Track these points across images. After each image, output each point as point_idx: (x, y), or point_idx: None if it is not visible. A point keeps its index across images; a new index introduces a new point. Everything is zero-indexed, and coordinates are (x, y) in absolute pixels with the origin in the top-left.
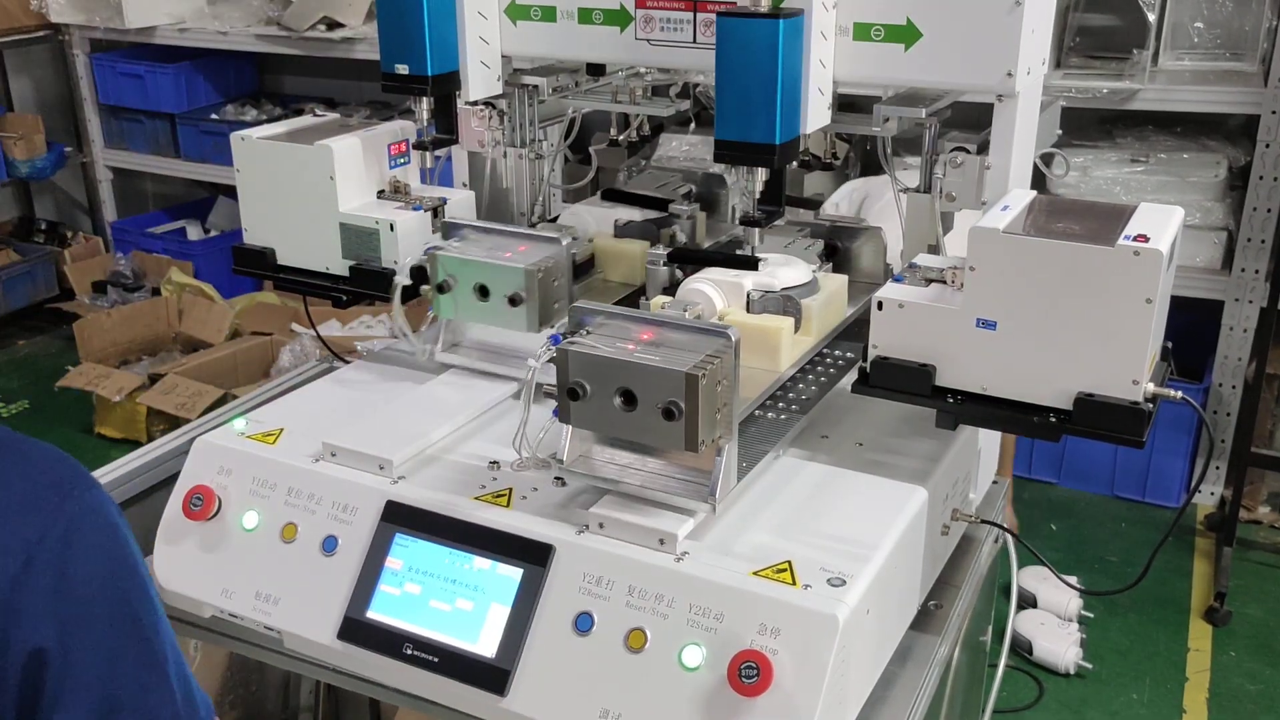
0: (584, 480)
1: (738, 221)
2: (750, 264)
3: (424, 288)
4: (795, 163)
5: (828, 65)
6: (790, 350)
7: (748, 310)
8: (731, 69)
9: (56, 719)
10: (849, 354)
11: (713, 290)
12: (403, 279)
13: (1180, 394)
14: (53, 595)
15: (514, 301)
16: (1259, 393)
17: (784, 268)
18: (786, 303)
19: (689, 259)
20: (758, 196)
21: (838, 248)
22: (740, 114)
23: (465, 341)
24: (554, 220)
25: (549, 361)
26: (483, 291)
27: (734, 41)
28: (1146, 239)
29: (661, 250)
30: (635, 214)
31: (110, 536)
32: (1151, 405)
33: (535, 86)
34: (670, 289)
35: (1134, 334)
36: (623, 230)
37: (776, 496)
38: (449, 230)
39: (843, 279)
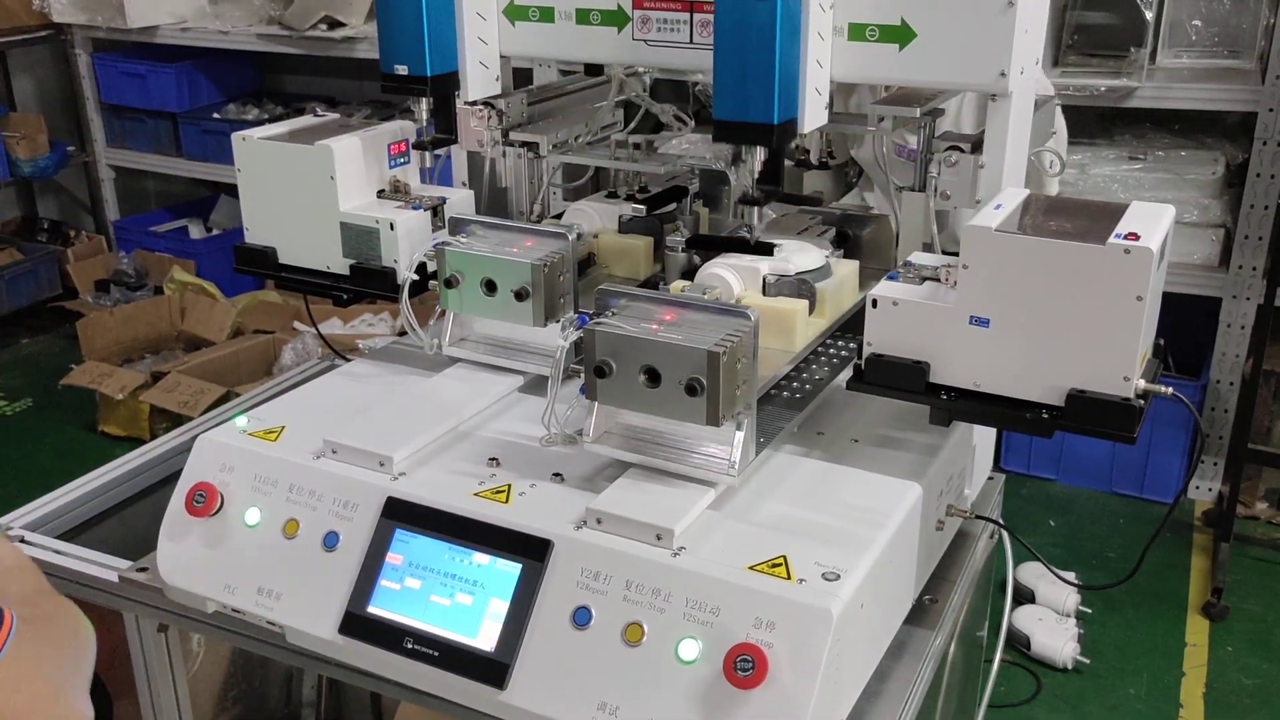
0: (609, 455)
1: (736, 200)
2: (766, 249)
3: (432, 282)
4: (792, 152)
5: (825, 66)
6: (805, 331)
7: (764, 293)
8: (729, 48)
9: None
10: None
11: (730, 274)
12: (409, 275)
13: (1170, 390)
14: None
15: (520, 296)
16: (1256, 389)
17: (798, 253)
18: (801, 286)
19: (707, 245)
20: (756, 176)
21: (849, 235)
22: (738, 93)
23: (472, 335)
24: (558, 217)
25: (576, 342)
26: (490, 286)
27: (732, 19)
28: (1137, 237)
29: (681, 236)
30: (640, 210)
31: None
32: (1143, 401)
33: (535, 144)
34: (688, 274)
35: (1125, 331)
36: (626, 226)
37: (772, 492)
38: (456, 226)
39: (854, 264)
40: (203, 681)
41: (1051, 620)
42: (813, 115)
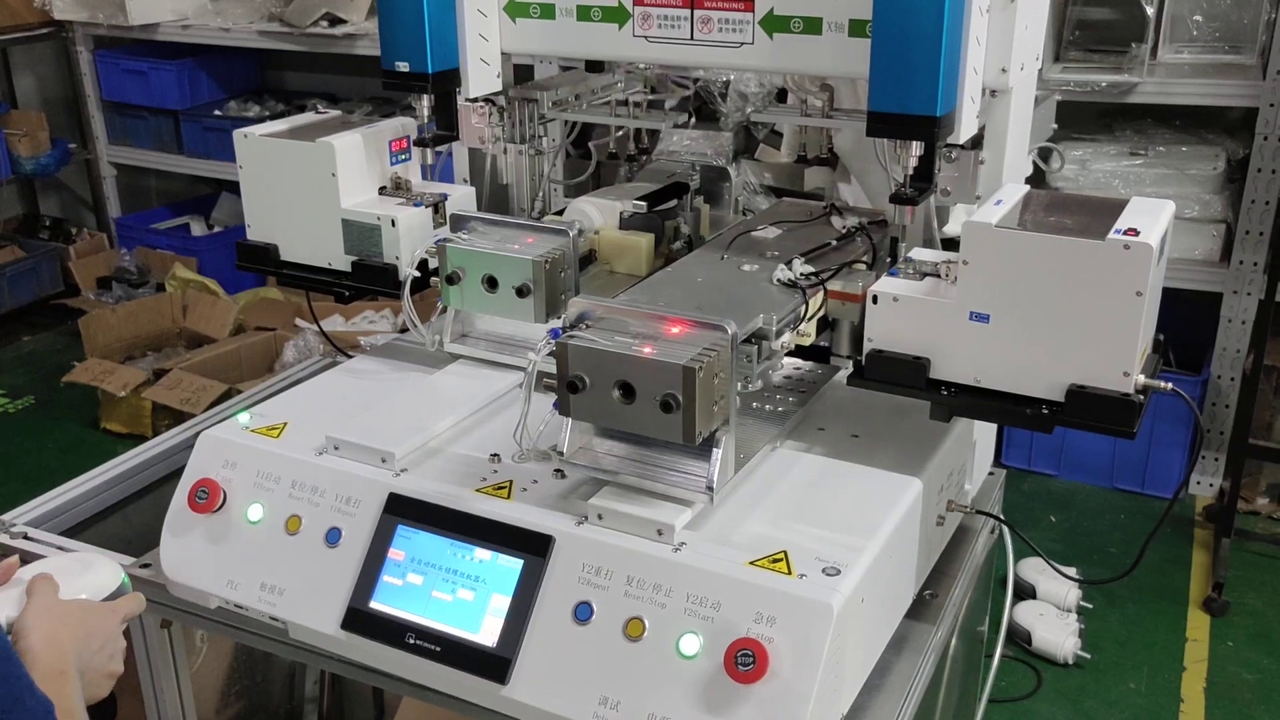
0: (584, 472)
1: (888, 200)
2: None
3: (433, 279)
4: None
5: (982, 44)
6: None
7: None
8: (891, 33)
9: None
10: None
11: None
12: (411, 271)
13: (1170, 385)
14: None
15: (521, 292)
16: (1257, 384)
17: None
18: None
19: None
20: (911, 173)
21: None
22: (899, 83)
23: (474, 332)
24: (559, 214)
25: (549, 355)
26: (491, 283)
27: (896, 3)
28: (1137, 233)
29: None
30: (641, 207)
31: None
32: (1143, 396)
33: (535, 100)
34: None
35: (1125, 326)
36: (628, 223)
37: (773, 487)
38: (457, 223)
39: None
40: (205, 677)
41: (1052, 615)
42: (970, 102)
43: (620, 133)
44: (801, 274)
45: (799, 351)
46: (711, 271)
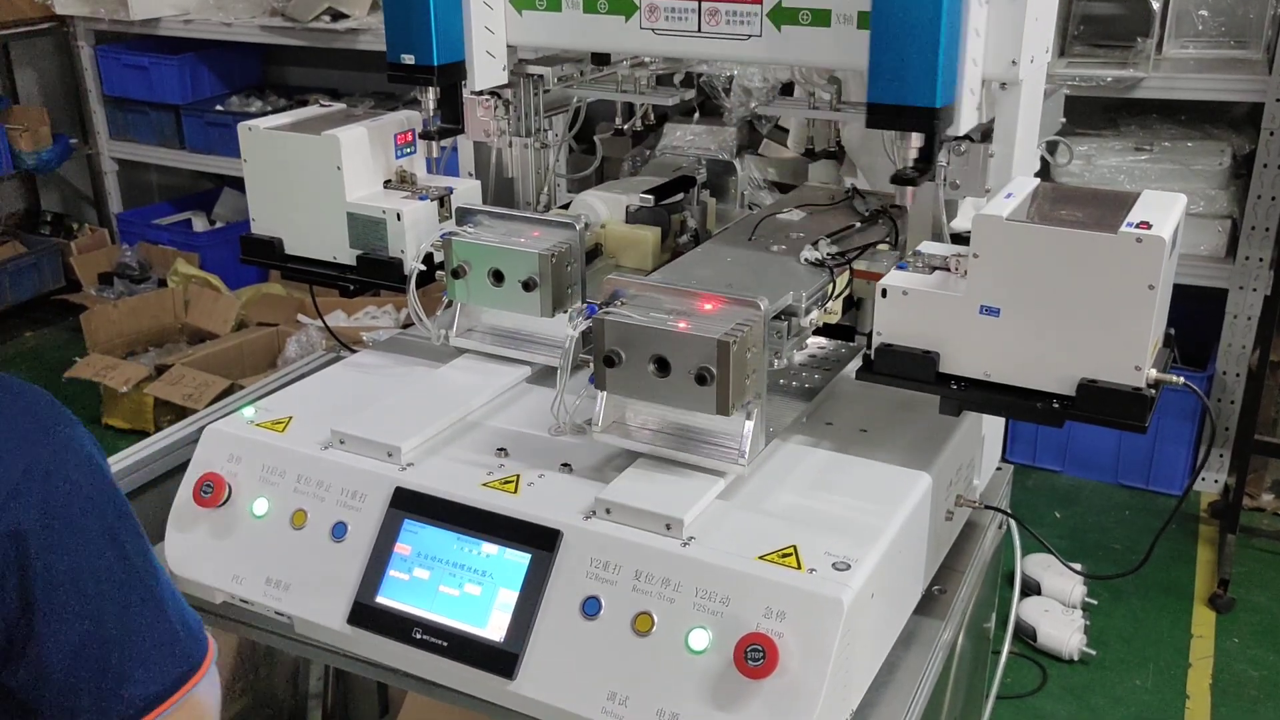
0: (618, 445)
1: (889, 180)
2: None
3: (439, 273)
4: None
5: (981, 34)
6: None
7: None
8: (889, 24)
9: (43, 641)
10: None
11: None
12: (416, 265)
13: (1182, 379)
14: (38, 527)
15: (527, 286)
16: (1263, 380)
17: None
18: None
19: None
20: (914, 159)
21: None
22: (898, 75)
23: (479, 326)
24: (564, 208)
25: (584, 331)
26: (497, 276)
27: None
28: (1149, 226)
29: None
30: (647, 200)
31: (90, 470)
32: (1154, 391)
33: (540, 76)
34: None
35: (1136, 320)
36: (634, 216)
37: (782, 482)
38: (463, 216)
39: None
40: None
41: (1058, 611)
42: (969, 95)
43: (629, 125)
44: (828, 254)
45: (824, 330)
46: (740, 252)
